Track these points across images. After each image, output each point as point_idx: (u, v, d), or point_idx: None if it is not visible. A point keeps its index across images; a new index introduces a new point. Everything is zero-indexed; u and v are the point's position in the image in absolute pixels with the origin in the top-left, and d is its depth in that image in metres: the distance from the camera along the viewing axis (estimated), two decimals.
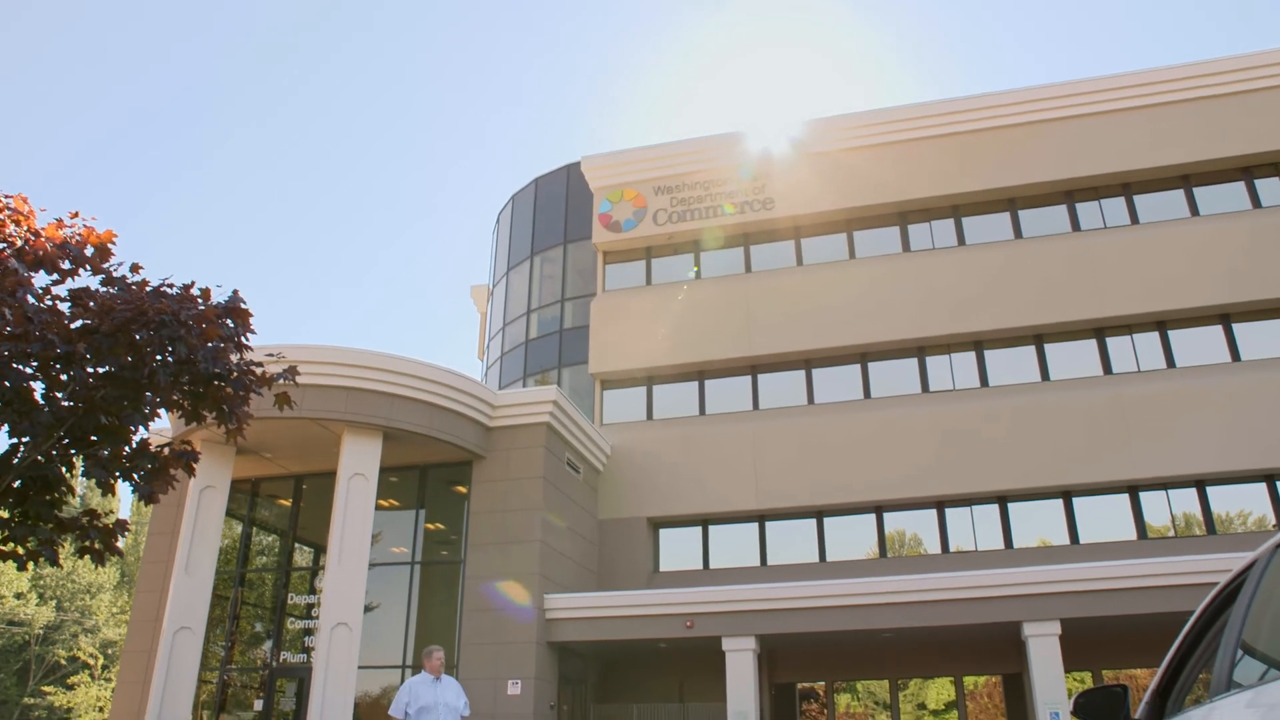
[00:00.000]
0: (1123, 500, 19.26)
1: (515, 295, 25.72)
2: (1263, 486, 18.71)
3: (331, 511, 16.51)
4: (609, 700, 19.18)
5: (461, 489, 18.46)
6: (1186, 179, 21.31)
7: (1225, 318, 20.04)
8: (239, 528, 19.38)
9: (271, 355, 7.90)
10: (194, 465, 7.23)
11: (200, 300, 6.71)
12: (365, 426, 16.77)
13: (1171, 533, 18.95)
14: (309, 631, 17.83)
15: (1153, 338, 20.26)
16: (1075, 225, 21.44)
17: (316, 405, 16.20)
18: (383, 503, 18.04)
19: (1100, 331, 20.48)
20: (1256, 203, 20.76)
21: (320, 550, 18.73)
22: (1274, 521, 18.54)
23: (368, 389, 16.74)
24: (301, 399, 15.16)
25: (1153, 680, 3.19)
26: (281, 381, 7.01)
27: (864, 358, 21.45)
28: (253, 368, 7.00)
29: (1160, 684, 3.14)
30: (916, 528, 20.18)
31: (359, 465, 16.69)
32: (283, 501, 19.73)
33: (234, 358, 6.95)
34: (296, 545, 19.75)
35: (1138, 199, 21.43)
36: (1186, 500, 19.08)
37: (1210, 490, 19.00)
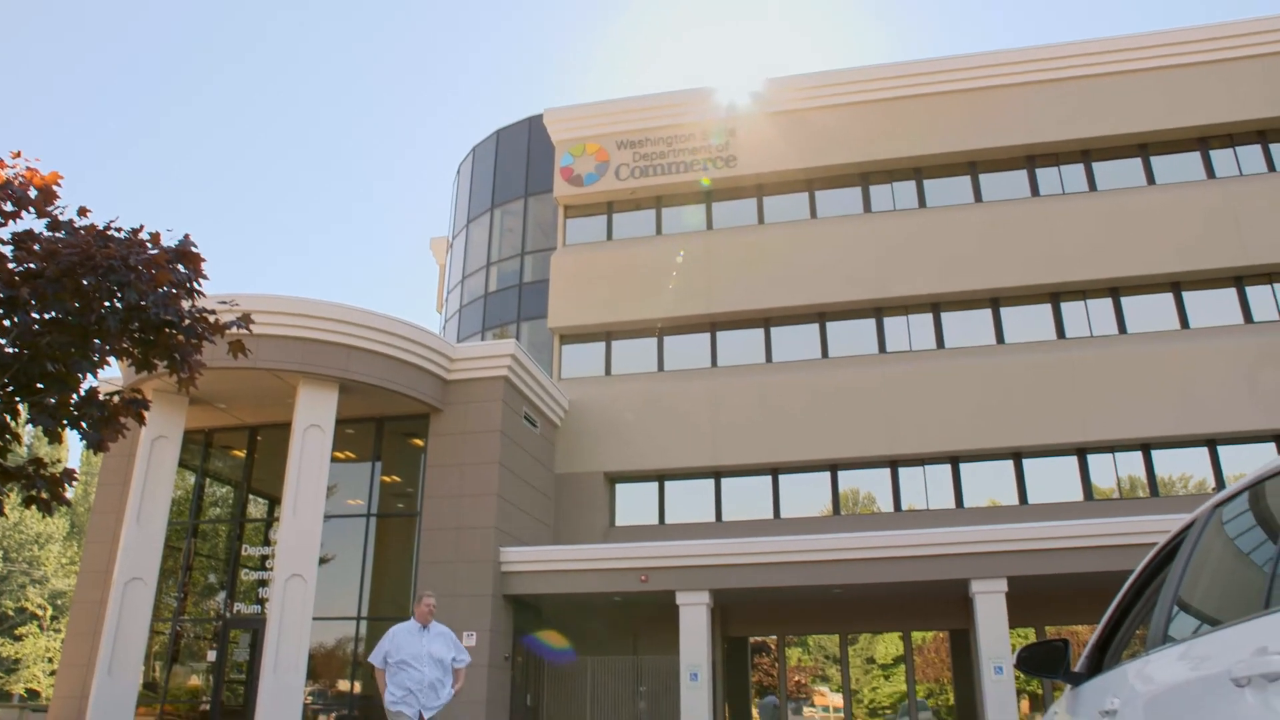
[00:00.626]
0: (1071, 462, 19.65)
1: (475, 248, 25.49)
2: (1205, 451, 19.18)
3: (286, 463, 16.38)
4: None
5: (418, 442, 18.39)
6: (1145, 148, 21.52)
7: (1176, 286, 20.37)
8: (191, 478, 19.18)
9: (225, 303, 7.76)
10: (144, 414, 7.09)
11: (150, 244, 6.53)
12: (321, 378, 16.61)
13: (1117, 494, 19.39)
14: (263, 583, 17.76)
15: (1106, 304, 20.56)
16: (1035, 190, 21.61)
17: (271, 356, 15.99)
18: (338, 454, 17.93)
19: (1056, 296, 20.74)
20: (1211, 173, 21.04)
21: (275, 502, 18.60)
22: (1214, 485, 19.04)
23: (324, 340, 16.55)
24: (256, 349, 14.94)
25: (1093, 635, 3.27)
26: (235, 330, 6.88)
27: (822, 317, 21.57)
28: (205, 315, 6.85)
29: (1100, 638, 3.22)
30: (870, 486, 20.46)
31: (314, 417, 16.55)
32: (236, 452, 19.53)
33: (185, 304, 6.79)
34: (250, 497, 19.60)
35: (1096, 166, 21.63)
36: (1132, 463, 19.51)
37: (1155, 454, 19.44)
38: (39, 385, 6.50)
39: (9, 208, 6.49)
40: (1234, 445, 18.81)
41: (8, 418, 6.58)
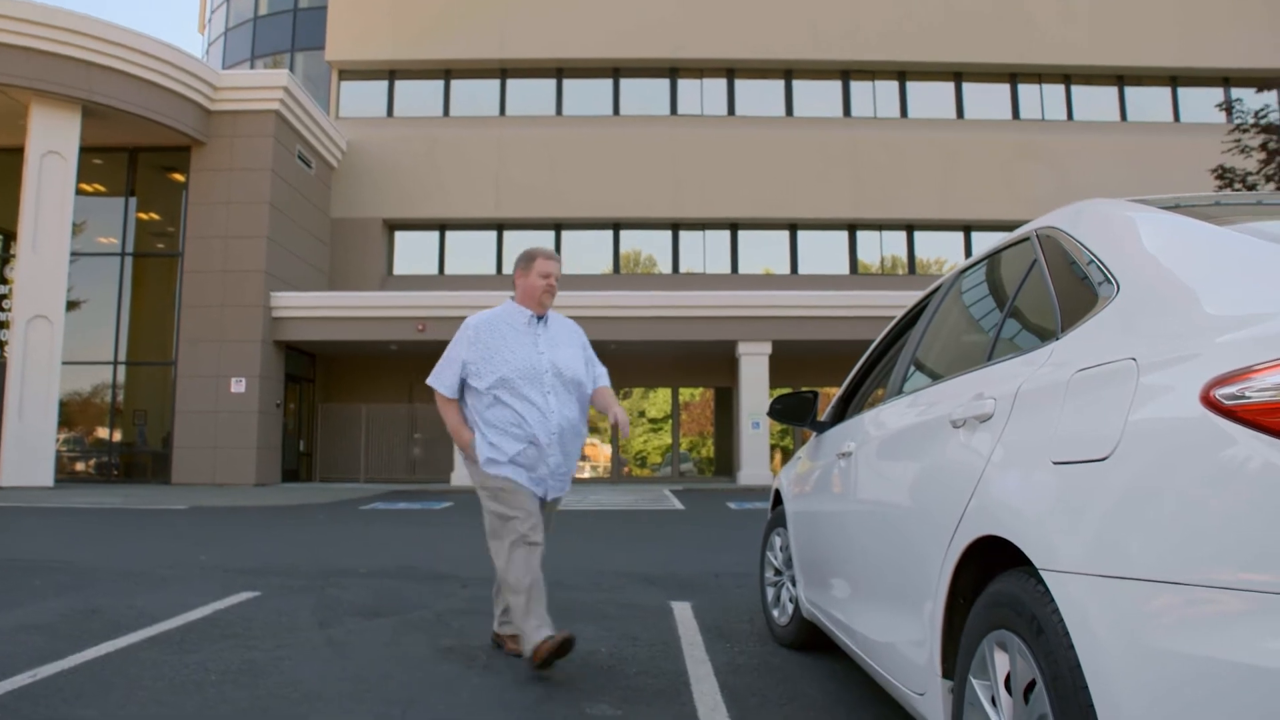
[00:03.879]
0: (842, 237, 20.67)
1: None
2: (960, 236, 20.61)
3: (21, 193, 14.80)
4: (337, 399, 19.25)
5: (179, 176, 17.01)
6: None
7: (958, 76, 21.08)
8: None
9: None
10: None
11: None
12: (58, 98, 14.84)
13: (879, 271, 20.68)
14: (2, 325, 16.42)
15: (893, 87, 21.06)
16: None
17: None
18: (85, 187, 16.37)
19: (846, 74, 21.03)
20: None
21: (10, 236, 16.89)
22: None
23: (60, 54, 14.67)
24: None
25: (839, 389, 3.47)
26: None
27: (617, 73, 21.03)
28: None
29: (844, 394, 3.43)
30: (652, 248, 20.84)
31: (53, 142, 14.92)
32: None
33: None
34: None
35: None
36: (896, 243, 20.75)
37: (918, 235, 20.72)
38: None
39: None
40: (987, 232, 20.26)
41: None
